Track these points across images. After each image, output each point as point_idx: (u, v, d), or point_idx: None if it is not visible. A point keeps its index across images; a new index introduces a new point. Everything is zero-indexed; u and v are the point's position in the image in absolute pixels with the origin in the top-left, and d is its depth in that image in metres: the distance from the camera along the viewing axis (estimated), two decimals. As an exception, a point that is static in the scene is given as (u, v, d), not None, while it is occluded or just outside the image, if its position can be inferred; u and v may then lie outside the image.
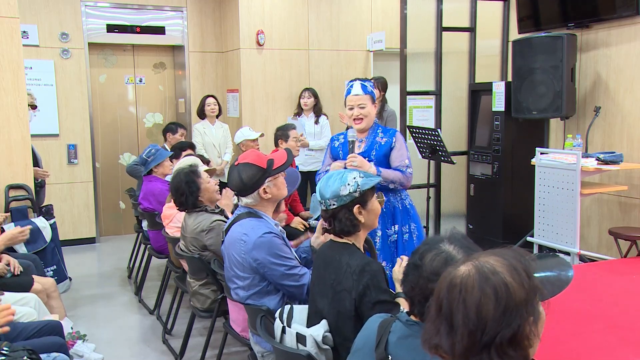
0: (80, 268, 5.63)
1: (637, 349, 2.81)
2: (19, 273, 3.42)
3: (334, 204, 2.11)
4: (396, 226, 3.34)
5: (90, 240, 6.55)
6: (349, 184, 2.11)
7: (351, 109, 3.30)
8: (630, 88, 4.67)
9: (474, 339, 1.09)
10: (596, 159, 4.41)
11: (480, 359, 1.10)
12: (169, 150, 5.12)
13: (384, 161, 3.29)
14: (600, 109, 4.86)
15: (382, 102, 5.75)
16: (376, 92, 5.77)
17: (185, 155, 4.48)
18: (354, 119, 3.30)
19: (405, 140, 5.48)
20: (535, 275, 1.16)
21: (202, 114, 6.11)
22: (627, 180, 4.71)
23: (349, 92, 3.33)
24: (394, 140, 3.31)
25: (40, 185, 4.86)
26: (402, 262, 2.38)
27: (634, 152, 4.65)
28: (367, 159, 3.24)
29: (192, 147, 5.28)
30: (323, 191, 2.14)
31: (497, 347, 1.09)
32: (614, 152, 4.51)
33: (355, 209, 2.12)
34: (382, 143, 3.30)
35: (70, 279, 4.99)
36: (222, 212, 3.44)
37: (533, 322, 1.12)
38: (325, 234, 2.33)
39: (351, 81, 3.38)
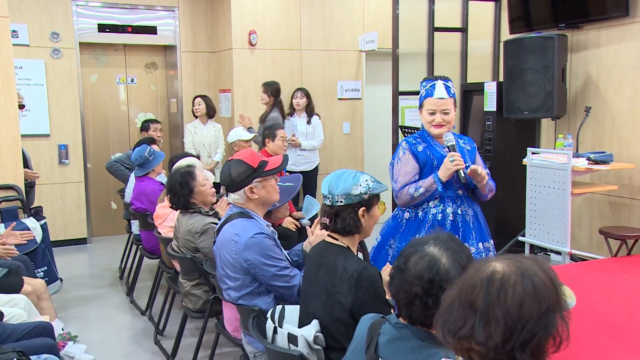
0: (72, 269, 5.60)
1: (628, 347, 2.83)
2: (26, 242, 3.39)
3: (341, 201, 2.11)
4: (492, 241, 3.03)
5: (82, 241, 6.51)
6: (360, 185, 2.11)
7: (432, 113, 2.88)
8: (620, 89, 4.70)
9: (512, 335, 1.10)
10: (587, 159, 4.44)
11: (512, 356, 1.11)
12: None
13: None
14: (590, 109, 4.89)
15: (272, 106, 5.79)
16: (264, 96, 5.82)
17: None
18: (434, 125, 2.90)
19: (397, 140, 5.52)
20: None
21: (194, 114, 6.17)
22: (617, 180, 4.74)
23: (429, 94, 2.91)
24: (475, 147, 3.05)
25: (29, 185, 4.83)
26: (387, 270, 2.39)
27: (623, 152, 4.68)
28: (466, 164, 2.89)
29: (151, 142, 5.14)
30: (333, 187, 2.13)
31: (534, 348, 1.11)
32: (604, 152, 4.54)
33: (361, 210, 2.13)
34: (468, 149, 2.98)
35: (61, 280, 4.96)
36: (216, 215, 3.44)
37: (565, 330, 1.14)
38: (323, 230, 2.33)
39: (430, 80, 2.95)
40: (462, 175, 2.84)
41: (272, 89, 5.89)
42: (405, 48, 5.58)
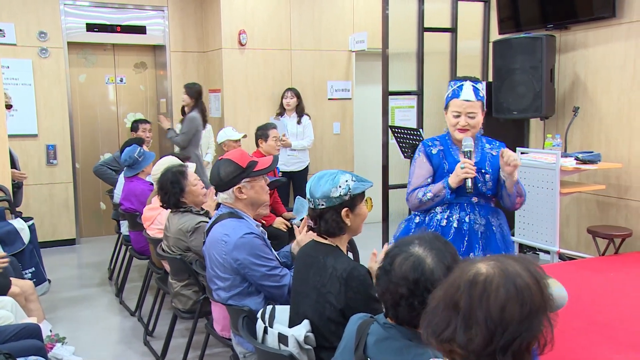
0: (60, 270, 5.56)
1: (616, 346, 2.86)
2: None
3: (322, 204, 2.10)
4: None
5: (70, 242, 6.47)
6: (340, 186, 2.09)
7: (457, 116, 2.71)
8: (607, 89, 4.74)
9: (493, 339, 1.09)
10: (575, 159, 4.47)
11: (494, 358, 1.10)
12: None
13: (497, 174, 2.76)
14: (578, 109, 4.92)
15: (192, 108, 5.78)
16: (186, 97, 5.81)
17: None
18: (458, 128, 2.73)
19: (387, 140, 5.53)
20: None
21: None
22: (604, 180, 4.78)
23: (456, 95, 2.73)
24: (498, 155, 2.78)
25: (17, 186, 4.79)
26: (376, 257, 2.39)
27: (611, 151, 4.72)
28: (482, 171, 2.75)
29: (140, 142, 5.15)
30: (313, 190, 2.12)
31: (515, 351, 1.10)
32: (592, 152, 4.57)
33: (344, 211, 2.11)
34: (494, 154, 2.78)
35: (49, 281, 4.93)
36: (207, 214, 3.43)
37: (549, 332, 1.13)
38: (309, 232, 2.32)
39: (458, 80, 2.78)
40: (469, 185, 2.66)
41: (193, 91, 5.85)
42: (395, 48, 5.59)
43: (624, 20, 4.56)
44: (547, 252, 4.91)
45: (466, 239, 2.73)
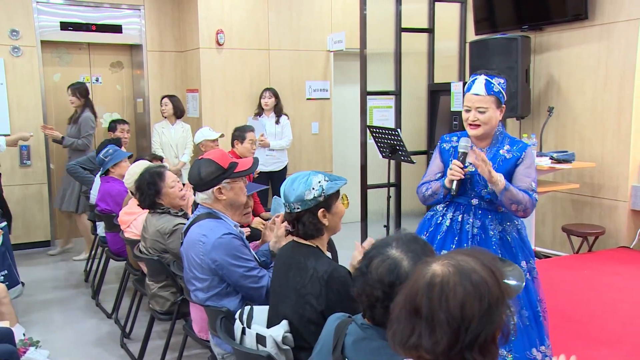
0: (34, 272, 5.47)
1: (589, 342, 2.91)
2: None
3: (298, 208, 2.09)
4: (524, 263, 2.64)
5: (45, 244, 6.35)
6: (313, 189, 2.07)
7: (468, 110, 2.59)
8: (581, 90, 4.82)
9: (458, 337, 1.09)
10: (550, 158, 4.54)
11: (462, 357, 1.11)
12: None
13: (506, 179, 2.56)
14: (553, 109, 5.00)
15: (83, 107, 5.83)
16: (74, 99, 5.80)
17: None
18: (469, 124, 2.60)
19: (366, 140, 5.55)
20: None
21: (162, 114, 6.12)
22: (578, 179, 4.87)
23: (468, 88, 2.63)
24: (522, 156, 2.60)
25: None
26: (359, 248, 2.39)
27: (585, 151, 4.81)
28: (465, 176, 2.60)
29: (117, 143, 5.14)
30: (287, 194, 2.10)
31: (481, 345, 1.10)
32: (566, 151, 4.65)
33: (320, 212, 2.10)
34: (508, 157, 2.60)
35: (23, 284, 4.84)
36: (185, 216, 3.40)
37: (511, 320, 1.15)
38: (288, 235, 2.31)
39: (475, 74, 2.67)
40: (454, 187, 2.57)
41: (81, 91, 5.85)
42: (373, 48, 5.62)
43: (596, 22, 4.65)
44: (523, 250, 4.97)
45: (456, 238, 2.69)
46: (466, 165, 2.56)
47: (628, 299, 3.54)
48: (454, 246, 2.67)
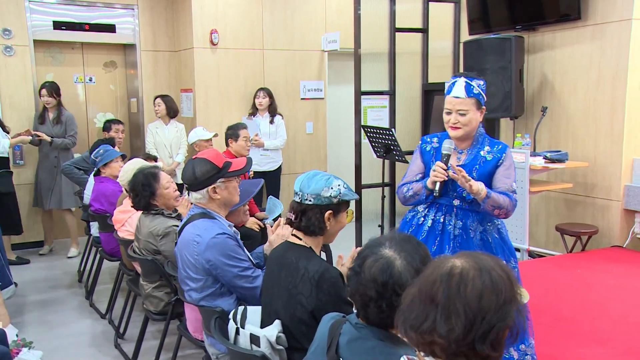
0: (28, 273, 5.44)
1: (582, 340, 2.92)
2: None
3: (310, 200, 2.11)
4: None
5: (39, 244, 6.32)
6: (332, 188, 2.12)
7: (448, 113, 2.62)
8: (574, 89, 4.85)
9: (472, 327, 1.14)
10: (543, 158, 4.56)
11: (473, 347, 1.15)
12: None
13: (487, 180, 2.63)
14: (546, 109, 5.02)
15: (59, 106, 5.92)
16: (51, 99, 5.81)
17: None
18: (450, 126, 2.63)
19: (360, 139, 5.56)
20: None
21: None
22: (572, 178, 4.89)
23: (449, 91, 2.64)
24: (502, 157, 2.64)
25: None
26: (342, 260, 2.42)
27: (578, 150, 4.83)
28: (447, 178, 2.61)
29: (111, 142, 5.17)
30: (304, 185, 2.13)
31: (493, 339, 1.15)
32: (559, 151, 4.67)
33: (327, 213, 2.13)
34: (489, 159, 2.64)
35: (16, 285, 4.82)
36: (179, 217, 3.40)
37: (520, 322, 1.19)
38: (285, 226, 2.31)
39: (455, 76, 2.70)
40: (436, 189, 2.60)
41: (56, 89, 5.88)
42: (367, 48, 5.62)
43: (588, 23, 4.67)
44: (517, 249, 4.98)
45: (438, 239, 2.72)
46: (449, 167, 2.58)
47: (621, 298, 3.56)
48: (435, 247, 2.68)
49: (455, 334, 1.14)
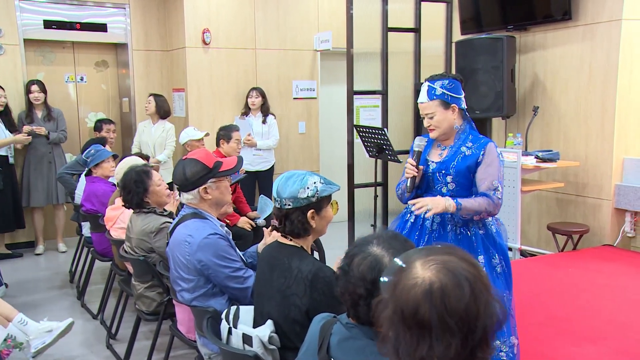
0: (19, 273, 5.41)
1: (573, 339, 2.94)
2: None
3: (289, 205, 2.09)
4: (482, 257, 2.67)
5: (30, 244, 6.29)
6: (308, 188, 2.08)
7: (424, 118, 2.74)
8: (565, 89, 4.87)
9: (468, 338, 1.10)
10: (535, 157, 4.58)
11: (473, 355, 1.11)
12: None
13: (466, 176, 2.66)
14: (538, 108, 5.04)
15: (45, 103, 6.00)
16: (41, 95, 5.75)
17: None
18: (428, 129, 2.74)
19: (353, 139, 5.56)
20: None
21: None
22: (563, 177, 4.91)
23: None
24: (481, 154, 2.64)
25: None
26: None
27: (569, 150, 4.86)
28: (443, 172, 2.68)
29: (102, 142, 5.19)
30: (280, 190, 2.10)
31: (487, 339, 1.12)
32: (551, 150, 4.69)
33: (309, 213, 2.10)
34: (467, 154, 2.66)
35: (6, 285, 4.78)
36: (170, 215, 3.39)
37: (501, 308, 1.16)
38: (273, 232, 2.30)
39: (426, 80, 2.77)
40: (408, 185, 2.71)
41: (44, 87, 5.94)
42: (359, 48, 5.62)
43: (579, 23, 4.70)
44: (510, 249, 5.00)
45: (417, 233, 2.78)
46: (422, 163, 2.68)
47: (612, 297, 3.58)
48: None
49: (454, 348, 1.10)
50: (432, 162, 2.71)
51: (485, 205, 2.58)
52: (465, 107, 2.75)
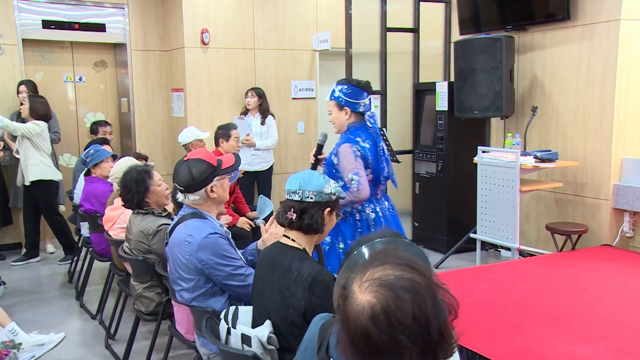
0: (17, 273, 5.40)
1: (571, 338, 2.94)
2: None
3: (312, 198, 2.12)
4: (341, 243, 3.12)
5: (17, 246, 6.25)
6: (331, 185, 2.18)
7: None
8: (564, 89, 4.87)
9: (425, 344, 1.08)
10: (534, 157, 4.58)
11: (435, 353, 1.10)
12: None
13: (330, 171, 3.12)
14: (537, 108, 5.05)
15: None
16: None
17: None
18: None
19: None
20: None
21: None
22: (562, 177, 4.92)
23: None
24: (335, 154, 3.09)
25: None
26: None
27: (568, 150, 4.86)
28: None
29: (105, 142, 5.20)
30: (304, 183, 2.13)
31: (445, 334, 1.10)
32: (550, 150, 4.70)
33: (326, 211, 2.15)
34: (333, 152, 3.11)
35: (4, 283, 4.78)
36: (169, 216, 3.38)
37: (450, 298, 1.13)
38: (271, 227, 2.30)
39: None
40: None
41: (33, 86, 5.87)
42: (358, 48, 5.63)
43: (578, 23, 4.70)
44: (508, 248, 5.01)
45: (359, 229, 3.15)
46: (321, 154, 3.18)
47: (610, 296, 3.58)
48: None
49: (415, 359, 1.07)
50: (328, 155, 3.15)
51: (348, 198, 2.94)
52: (363, 110, 3.10)
